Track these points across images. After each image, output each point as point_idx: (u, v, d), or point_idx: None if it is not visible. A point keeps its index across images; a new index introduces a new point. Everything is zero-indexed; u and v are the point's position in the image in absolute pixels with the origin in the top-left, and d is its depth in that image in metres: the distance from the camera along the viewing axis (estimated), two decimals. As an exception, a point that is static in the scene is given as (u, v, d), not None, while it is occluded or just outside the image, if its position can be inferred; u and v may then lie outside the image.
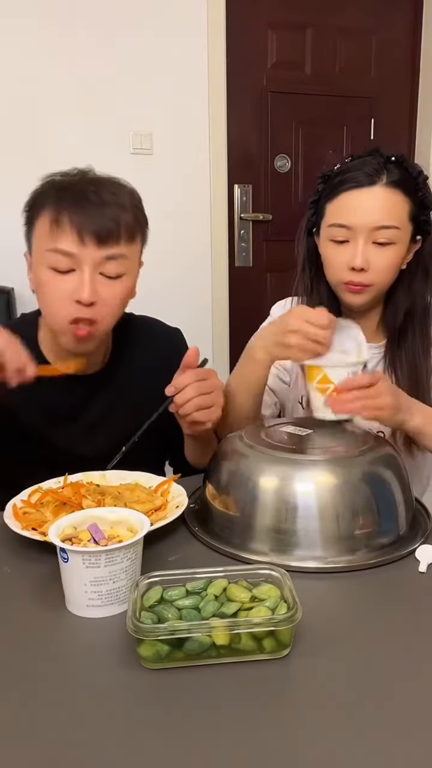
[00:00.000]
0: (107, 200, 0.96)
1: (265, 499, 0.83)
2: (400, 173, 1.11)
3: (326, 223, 1.14)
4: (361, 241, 1.09)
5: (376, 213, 1.09)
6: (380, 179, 1.09)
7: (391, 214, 1.09)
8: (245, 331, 1.38)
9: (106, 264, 0.97)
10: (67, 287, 0.97)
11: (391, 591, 0.77)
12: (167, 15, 2.64)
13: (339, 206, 1.12)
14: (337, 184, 1.13)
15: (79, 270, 0.96)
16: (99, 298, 0.97)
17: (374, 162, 1.11)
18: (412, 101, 3.16)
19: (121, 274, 0.99)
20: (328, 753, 0.53)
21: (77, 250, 0.94)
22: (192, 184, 2.82)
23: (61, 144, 2.57)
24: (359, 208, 1.10)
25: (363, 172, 1.10)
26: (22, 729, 0.56)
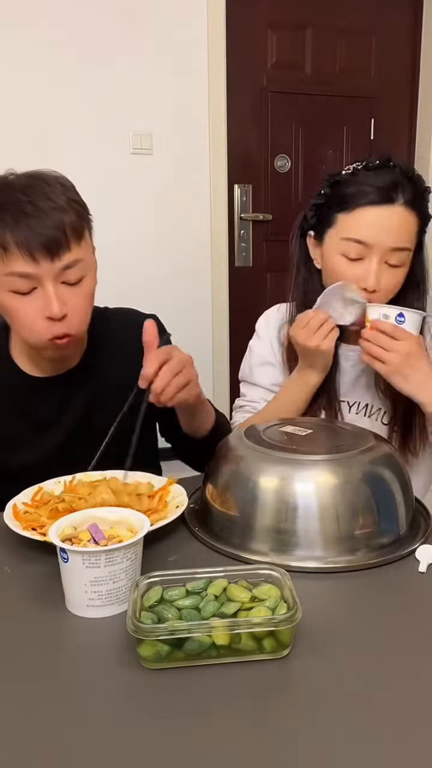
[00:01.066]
0: (44, 208, 0.92)
1: (265, 499, 0.83)
2: (413, 189, 1.09)
3: (338, 234, 1.11)
4: (375, 261, 1.08)
5: (394, 234, 1.07)
6: (398, 197, 1.07)
7: (406, 235, 1.09)
8: (245, 331, 1.38)
9: (65, 273, 0.95)
10: (34, 307, 0.95)
11: (391, 591, 0.77)
12: (167, 15, 2.64)
13: (355, 220, 1.09)
14: (352, 196, 1.09)
15: (41, 286, 0.94)
16: (68, 307, 0.96)
17: (390, 175, 1.08)
18: (412, 101, 3.17)
19: (82, 277, 0.98)
20: (328, 753, 0.53)
21: (32, 269, 0.92)
22: (192, 184, 2.82)
23: (61, 144, 2.57)
24: (377, 226, 1.07)
25: (380, 188, 1.07)
26: (22, 729, 0.56)
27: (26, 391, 1.08)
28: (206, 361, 2.96)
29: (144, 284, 2.75)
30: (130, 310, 1.21)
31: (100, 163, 2.65)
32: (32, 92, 2.53)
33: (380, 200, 1.07)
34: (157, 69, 2.67)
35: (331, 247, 1.13)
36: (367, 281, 1.08)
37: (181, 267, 2.87)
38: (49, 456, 1.08)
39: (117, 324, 1.16)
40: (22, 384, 1.08)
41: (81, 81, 2.58)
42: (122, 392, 1.00)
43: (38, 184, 0.95)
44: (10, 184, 0.95)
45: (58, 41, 2.52)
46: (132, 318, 1.18)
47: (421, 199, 1.11)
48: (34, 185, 0.95)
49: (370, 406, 1.21)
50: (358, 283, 1.09)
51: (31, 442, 1.09)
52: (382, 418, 1.20)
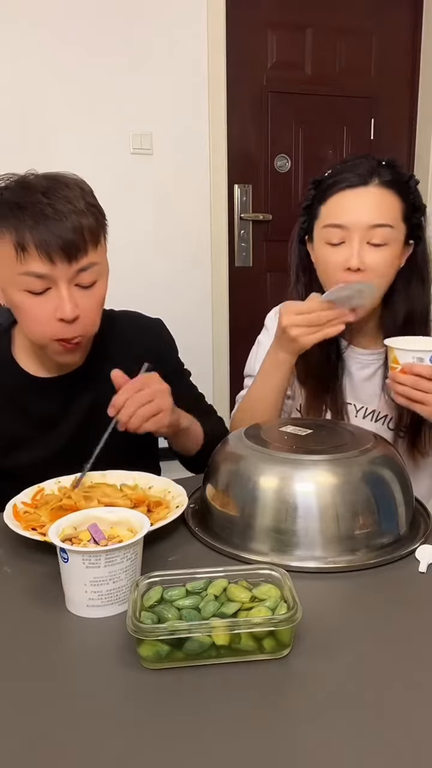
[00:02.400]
0: (64, 211, 0.93)
1: (265, 499, 0.83)
2: (392, 175, 1.11)
3: (320, 224, 1.14)
4: (356, 241, 1.09)
5: (370, 212, 1.09)
6: (372, 180, 1.10)
7: (385, 212, 1.09)
8: (245, 330, 1.38)
9: (80, 276, 0.96)
10: (47, 307, 0.96)
11: (391, 591, 0.77)
12: (167, 15, 2.64)
13: (332, 206, 1.12)
14: (330, 186, 1.13)
15: (55, 287, 0.95)
16: (80, 310, 0.97)
17: (366, 164, 1.12)
18: (412, 101, 3.17)
19: (95, 281, 0.99)
20: (328, 753, 0.53)
21: (49, 270, 0.93)
22: (192, 184, 2.82)
23: (61, 144, 2.57)
24: (353, 207, 1.09)
25: (355, 174, 1.10)
26: (22, 728, 0.56)
27: (29, 391, 1.08)
28: (206, 360, 2.96)
29: (144, 284, 2.75)
30: (134, 313, 1.22)
31: (100, 163, 2.65)
32: (32, 92, 2.53)
33: (354, 183, 1.10)
34: (157, 69, 2.67)
35: (318, 239, 1.15)
36: (350, 261, 1.08)
37: (181, 267, 2.87)
38: (52, 456, 1.08)
39: (122, 326, 1.16)
40: (25, 384, 1.08)
41: (81, 81, 2.58)
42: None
43: (59, 186, 0.96)
44: (31, 185, 0.96)
45: (58, 41, 2.52)
46: (137, 321, 1.19)
47: (404, 185, 1.12)
48: (54, 187, 0.95)
49: (377, 412, 1.20)
50: (343, 266, 1.10)
51: (34, 442, 1.09)
52: (389, 424, 1.20)
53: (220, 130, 2.81)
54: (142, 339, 1.17)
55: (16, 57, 2.49)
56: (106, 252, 1.03)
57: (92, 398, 1.09)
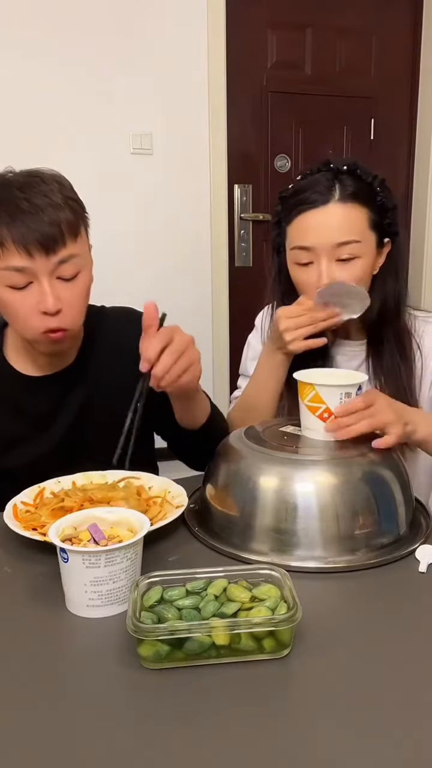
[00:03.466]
0: (41, 204, 0.94)
1: (265, 499, 0.83)
2: (354, 183, 1.10)
3: (288, 245, 1.15)
4: (324, 261, 1.09)
5: (333, 231, 1.09)
6: (333, 195, 1.09)
7: (349, 228, 1.09)
8: (245, 331, 1.38)
9: (60, 268, 0.96)
10: (29, 302, 0.96)
11: (391, 591, 0.77)
12: (167, 15, 2.64)
13: (297, 229, 1.12)
14: (293, 206, 1.13)
15: (37, 281, 0.95)
16: (63, 303, 0.97)
17: (325, 178, 1.11)
18: (412, 101, 3.16)
19: (77, 273, 0.99)
20: (328, 753, 0.53)
21: (28, 263, 0.94)
22: (192, 184, 2.82)
23: (61, 144, 2.57)
24: (316, 228, 1.10)
25: (315, 191, 1.10)
26: (22, 728, 0.56)
27: (22, 390, 1.08)
28: (206, 360, 2.96)
29: (144, 284, 2.74)
30: (125, 308, 1.21)
31: (100, 163, 2.65)
32: (32, 92, 2.52)
33: (315, 203, 1.10)
34: (157, 69, 2.67)
35: (288, 258, 1.16)
36: (320, 281, 1.10)
37: (181, 267, 2.87)
38: (47, 454, 1.08)
39: (113, 321, 1.16)
40: (17, 384, 1.08)
41: (81, 81, 2.57)
42: (119, 389, 0.99)
43: (35, 181, 0.97)
44: (8, 182, 0.97)
45: (57, 41, 2.52)
46: (128, 315, 1.18)
47: (367, 191, 1.12)
48: (31, 183, 0.96)
49: None
50: (314, 286, 1.10)
51: (28, 441, 1.09)
52: None
53: (220, 130, 2.81)
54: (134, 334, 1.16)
55: (15, 57, 2.49)
56: (87, 244, 1.03)
57: (85, 396, 1.09)
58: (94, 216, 1.04)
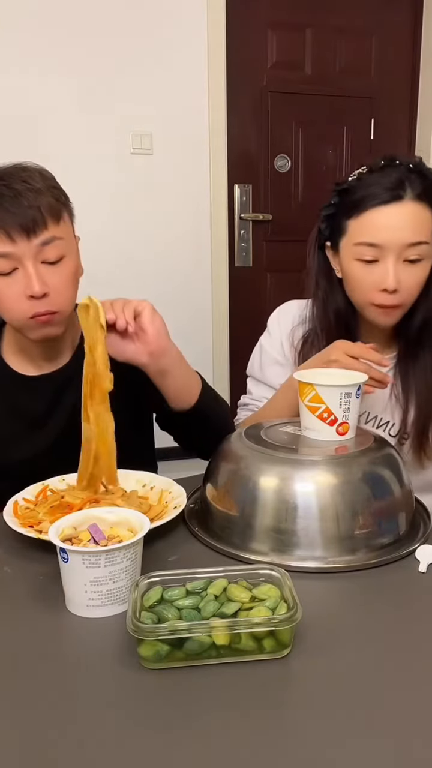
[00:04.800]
0: (20, 190, 0.95)
1: (265, 499, 0.83)
2: (422, 183, 1.07)
3: (351, 241, 1.09)
4: (392, 260, 1.05)
5: (406, 230, 1.05)
6: (406, 193, 1.05)
7: (420, 229, 1.05)
8: (245, 330, 1.38)
9: (44, 251, 0.97)
10: (16, 287, 0.97)
11: (391, 591, 0.77)
12: (167, 15, 2.64)
13: (365, 224, 1.07)
14: (359, 201, 1.07)
15: (21, 266, 0.97)
16: (49, 287, 0.98)
17: (395, 174, 1.06)
18: (412, 101, 3.17)
19: (62, 256, 1.00)
20: (328, 753, 0.53)
21: (10, 248, 0.95)
22: (192, 184, 2.82)
23: (61, 144, 2.57)
24: (388, 225, 1.05)
25: (386, 187, 1.05)
26: (22, 728, 0.56)
27: (18, 389, 1.09)
28: (206, 360, 2.96)
29: (144, 284, 2.74)
30: None
31: (100, 163, 2.65)
32: (32, 92, 2.53)
33: (387, 199, 1.05)
34: (157, 69, 2.67)
35: (346, 254, 1.11)
36: (387, 282, 1.05)
37: (182, 266, 2.87)
38: (43, 452, 1.08)
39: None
40: (14, 382, 1.09)
41: (81, 81, 2.58)
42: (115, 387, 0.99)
43: (16, 171, 0.99)
44: None
45: (57, 41, 2.52)
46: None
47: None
48: (11, 172, 0.98)
49: (380, 417, 1.20)
50: (377, 286, 1.07)
51: (24, 440, 1.09)
52: (390, 430, 1.19)
53: (220, 130, 2.81)
54: None
55: (15, 57, 2.49)
56: (72, 231, 1.04)
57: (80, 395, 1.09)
58: (95, 216, 1.05)
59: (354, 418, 0.91)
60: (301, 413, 0.93)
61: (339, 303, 1.17)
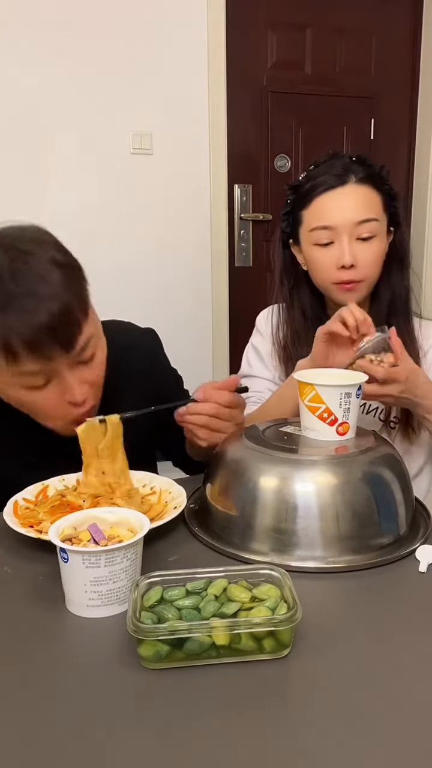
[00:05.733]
0: (45, 295, 0.82)
1: (265, 499, 0.83)
2: (365, 170, 1.15)
3: (306, 228, 1.17)
4: (345, 238, 1.13)
5: (354, 209, 1.13)
6: (350, 178, 1.14)
7: (368, 207, 1.14)
8: (245, 330, 1.38)
9: (80, 355, 0.89)
10: (51, 396, 0.90)
11: (391, 591, 0.77)
12: (167, 15, 2.64)
13: (316, 210, 1.15)
14: (309, 191, 1.16)
15: (57, 376, 0.88)
16: (86, 387, 0.92)
17: (339, 163, 1.16)
18: (412, 101, 3.16)
19: (94, 353, 0.92)
20: (328, 753, 0.53)
21: (46, 365, 0.86)
22: (192, 184, 2.82)
23: (61, 144, 2.57)
24: (337, 207, 1.13)
25: (331, 174, 1.14)
26: (22, 728, 0.56)
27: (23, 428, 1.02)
28: (206, 360, 2.96)
29: (144, 284, 2.74)
30: (124, 324, 1.17)
31: (100, 163, 2.65)
32: (32, 92, 2.52)
33: (334, 184, 1.14)
34: (157, 69, 2.67)
35: (305, 242, 1.19)
36: (343, 258, 1.12)
37: (182, 266, 2.87)
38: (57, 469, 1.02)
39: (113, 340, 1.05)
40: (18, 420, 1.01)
41: (81, 81, 2.57)
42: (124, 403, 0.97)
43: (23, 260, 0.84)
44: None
45: (57, 41, 2.52)
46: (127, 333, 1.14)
47: (378, 177, 1.17)
48: (19, 266, 0.83)
49: (369, 404, 1.22)
50: (336, 264, 1.14)
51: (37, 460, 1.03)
52: (380, 415, 1.21)
53: (220, 130, 2.81)
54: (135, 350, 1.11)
55: (15, 57, 2.49)
56: (94, 311, 0.94)
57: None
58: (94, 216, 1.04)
59: (354, 418, 0.91)
60: (301, 413, 0.93)
61: (305, 298, 1.25)
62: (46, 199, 2.55)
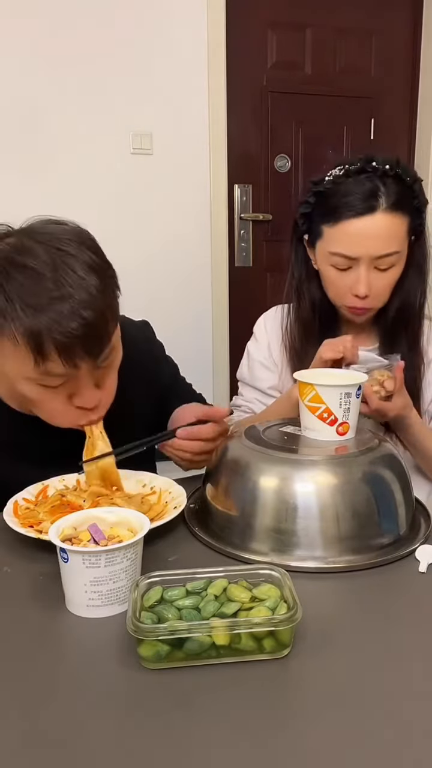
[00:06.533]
0: (84, 300, 0.81)
1: (265, 499, 0.83)
2: (397, 188, 1.09)
3: (326, 248, 1.13)
4: (364, 269, 1.10)
5: (378, 243, 1.09)
6: (379, 204, 1.08)
7: (393, 239, 1.09)
8: (245, 330, 1.38)
9: (102, 362, 0.89)
10: (62, 399, 0.89)
11: (391, 591, 0.77)
12: (167, 15, 2.64)
13: (339, 235, 1.10)
14: (334, 208, 1.10)
15: (75, 379, 0.87)
16: (99, 393, 0.91)
17: (371, 183, 1.08)
18: (412, 101, 3.17)
19: (114, 360, 0.92)
20: (328, 753, 0.53)
21: (72, 370, 0.85)
22: (192, 184, 2.82)
23: (61, 144, 2.57)
24: (362, 238, 1.09)
25: (360, 197, 1.08)
26: (22, 728, 0.56)
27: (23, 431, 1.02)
28: (206, 360, 2.96)
29: (144, 284, 2.74)
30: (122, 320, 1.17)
31: (100, 163, 2.65)
32: (32, 92, 2.52)
33: (361, 211, 1.08)
34: (157, 69, 2.67)
35: (322, 258, 1.16)
36: (358, 289, 1.11)
37: (182, 267, 2.87)
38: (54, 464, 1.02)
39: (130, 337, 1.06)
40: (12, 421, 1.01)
41: (81, 81, 2.57)
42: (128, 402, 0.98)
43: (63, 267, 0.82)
44: (34, 270, 0.81)
45: (57, 41, 2.52)
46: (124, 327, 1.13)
47: (409, 192, 1.11)
48: (59, 269, 0.82)
49: None
50: (350, 291, 1.12)
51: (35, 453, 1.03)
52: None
53: (220, 130, 2.81)
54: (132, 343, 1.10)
55: (16, 57, 2.49)
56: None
57: None
58: (94, 216, 1.03)
59: (354, 418, 0.91)
60: (301, 413, 0.93)
61: (314, 292, 1.22)
62: (46, 199, 2.55)
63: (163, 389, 1.19)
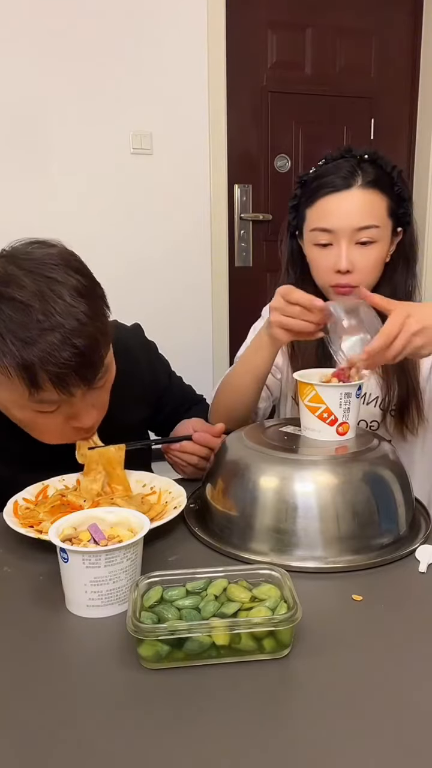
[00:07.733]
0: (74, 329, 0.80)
1: (265, 499, 0.83)
2: (375, 171, 1.14)
3: (308, 227, 1.17)
4: (344, 243, 1.13)
5: (355, 215, 1.12)
6: (356, 181, 1.13)
7: (370, 213, 1.13)
8: (245, 330, 1.38)
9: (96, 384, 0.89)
10: (58, 421, 0.90)
11: (391, 591, 0.77)
12: (167, 15, 2.64)
13: (318, 211, 1.15)
14: (315, 189, 1.16)
15: (69, 404, 0.87)
16: (95, 412, 0.92)
17: (348, 164, 1.14)
18: (412, 101, 3.16)
19: (108, 380, 0.93)
20: (328, 753, 0.53)
21: (66, 396, 0.85)
22: (192, 184, 2.82)
23: (61, 144, 2.57)
24: (338, 211, 1.13)
25: (338, 176, 1.13)
26: (22, 728, 0.56)
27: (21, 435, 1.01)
28: (206, 360, 2.96)
29: (144, 284, 2.74)
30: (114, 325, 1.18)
31: (100, 163, 2.65)
32: (32, 92, 2.52)
33: (339, 187, 1.13)
34: (157, 69, 2.67)
35: (306, 240, 1.19)
36: (339, 263, 1.13)
37: (181, 267, 2.87)
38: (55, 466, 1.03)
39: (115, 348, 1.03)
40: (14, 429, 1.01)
41: (81, 81, 2.57)
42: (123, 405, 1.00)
43: (51, 296, 0.81)
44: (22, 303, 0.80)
45: (57, 41, 2.52)
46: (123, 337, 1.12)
47: (387, 180, 1.15)
48: (46, 298, 0.80)
49: (368, 394, 1.22)
50: (332, 268, 1.14)
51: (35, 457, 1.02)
52: (380, 405, 1.22)
53: (220, 130, 2.81)
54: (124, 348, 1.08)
55: (15, 57, 2.49)
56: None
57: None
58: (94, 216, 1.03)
59: (354, 418, 0.91)
60: (301, 413, 0.93)
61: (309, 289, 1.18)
62: (46, 199, 2.56)
63: (159, 389, 1.20)
